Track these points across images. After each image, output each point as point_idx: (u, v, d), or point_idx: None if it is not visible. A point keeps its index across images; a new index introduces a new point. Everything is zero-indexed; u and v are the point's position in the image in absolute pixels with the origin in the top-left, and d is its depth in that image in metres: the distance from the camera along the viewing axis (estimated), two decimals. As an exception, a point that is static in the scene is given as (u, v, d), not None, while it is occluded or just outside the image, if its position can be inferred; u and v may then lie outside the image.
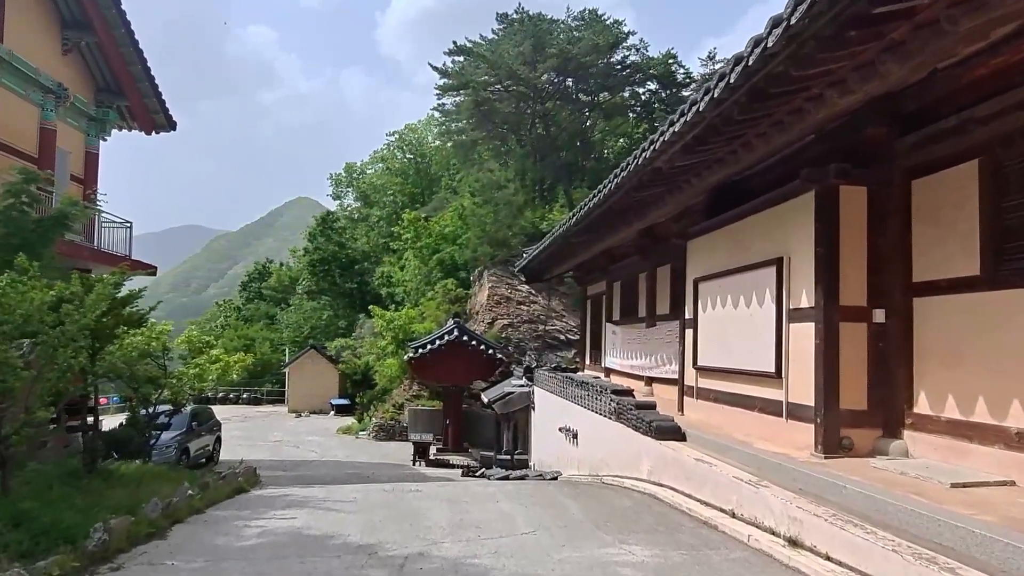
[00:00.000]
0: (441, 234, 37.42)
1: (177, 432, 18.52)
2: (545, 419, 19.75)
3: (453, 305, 33.22)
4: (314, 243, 61.22)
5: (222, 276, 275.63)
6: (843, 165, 7.49)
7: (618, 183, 10.53)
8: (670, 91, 48.71)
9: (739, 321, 9.47)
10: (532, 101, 42.09)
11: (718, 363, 10.10)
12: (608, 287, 19.30)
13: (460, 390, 26.69)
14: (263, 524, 7.87)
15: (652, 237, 15.00)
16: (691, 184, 9.70)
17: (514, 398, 21.93)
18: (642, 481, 9.94)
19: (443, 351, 25.48)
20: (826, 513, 5.74)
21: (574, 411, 15.40)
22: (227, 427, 33.80)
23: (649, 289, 15.61)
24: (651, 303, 15.50)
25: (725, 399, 9.91)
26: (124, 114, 22.02)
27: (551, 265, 21.80)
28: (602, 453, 12.78)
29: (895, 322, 7.43)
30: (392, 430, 29.48)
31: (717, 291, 10.25)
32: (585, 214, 13.25)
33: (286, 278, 67.57)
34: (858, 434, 7.43)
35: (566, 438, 15.90)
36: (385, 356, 33.17)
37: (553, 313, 32.79)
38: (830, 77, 6.24)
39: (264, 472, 20.37)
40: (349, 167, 69.76)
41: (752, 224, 9.37)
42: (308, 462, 22.99)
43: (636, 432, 10.61)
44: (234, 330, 57.94)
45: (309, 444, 27.94)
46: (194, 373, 14.98)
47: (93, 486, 8.59)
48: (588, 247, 17.01)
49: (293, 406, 44.31)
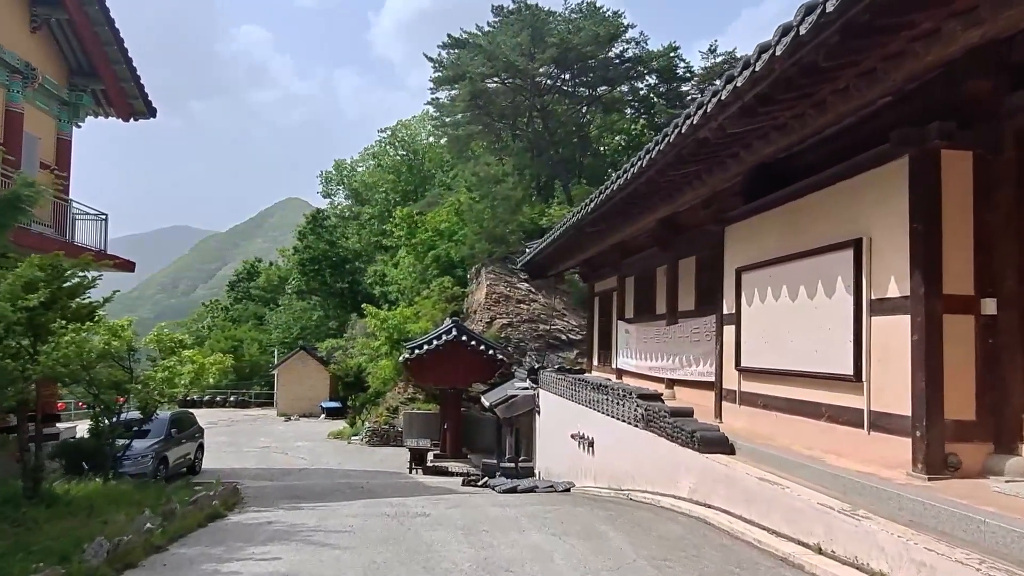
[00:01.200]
0: (437, 230, 35.99)
1: (154, 440, 17.09)
2: (552, 424, 18.44)
3: (450, 304, 31.86)
4: (304, 242, 59.64)
5: (211, 277, 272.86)
6: (947, 124, 6.17)
7: (651, 159, 9.19)
8: (670, 86, 47.58)
9: (799, 315, 8.16)
10: (529, 94, 40.76)
11: (769, 364, 8.79)
12: (619, 283, 17.99)
13: (459, 393, 25.31)
14: (238, 569, 6.43)
15: (673, 227, 13.70)
16: (738, 159, 8.38)
17: (517, 401, 20.60)
18: (683, 501, 8.62)
19: (441, 352, 24.11)
20: (973, 560, 4.41)
21: (589, 417, 14.09)
22: (212, 432, 32.31)
23: (670, 284, 14.29)
24: (672, 299, 14.19)
25: (779, 405, 8.60)
26: (99, 99, 20.55)
27: (557, 260, 20.46)
28: (626, 464, 11.46)
29: (1009, 314, 6.14)
30: (386, 435, 28.05)
31: (767, 281, 8.93)
32: (606, 199, 11.90)
33: (275, 278, 65.91)
34: (965, 449, 6.13)
35: (579, 446, 14.59)
36: (379, 357, 31.74)
37: (555, 312, 31.46)
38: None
39: (249, 482, 18.96)
40: (339, 164, 68.23)
41: (814, 202, 8.07)
42: (297, 470, 21.56)
43: (671, 443, 9.30)
44: (221, 331, 56.29)
45: (298, 450, 26.49)
46: (163, 377, 13.42)
47: (33, 516, 7.12)
48: (601, 239, 15.70)
49: (282, 409, 42.79)
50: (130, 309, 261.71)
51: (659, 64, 45.06)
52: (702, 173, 9.33)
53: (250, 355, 54.92)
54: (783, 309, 8.51)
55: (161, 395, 13.40)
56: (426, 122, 61.38)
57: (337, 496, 15.37)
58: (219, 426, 35.43)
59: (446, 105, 44.19)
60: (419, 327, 29.95)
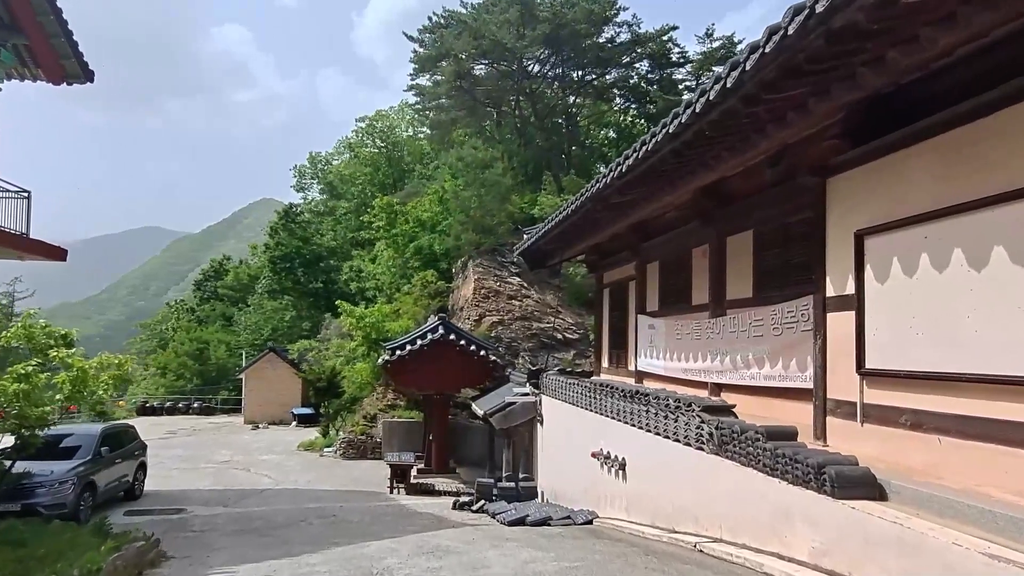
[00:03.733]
0: (419, 220, 33.01)
1: (78, 463, 14.02)
2: (560, 437, 15.67)
3: (433, 300, 28.95)
4: (276, 238, 56.49)
5: (183, 279, 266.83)
6: None
7: (740, 77, 6.37)
8: (663, 72, 45.14)
9: (986, 292, 5.42)
10: (517, 76, 37.98)
11: (925, 364, 6.02)
12: (639, 270, 15.20)
13: (446, 399, 22.42)
14: None
15: (720, 195, 10.97)
16: (871, 72, 5.62)
17: (516, 410, 17.77)
18: (806, 569, 5.82)
19: (426, 353, 21.19)
20: None
21: (617, 431, 11.32)
22: (170, 443, 29.12)
23: (715, 267, 11.51)
24: (718, 286, 11.41)
25: (945, 425, 5.83)
26: (23, 57, 17.43)
27: (564, 245, 17.58)
28: (682, 499, 8.68)
29: None
30: (363, 447, 25.03)
31: (919, 245, 6.18)
32: (649, 152, 9.08)
33: (245, 276, 62.57)
34: None
35: (603, 467, 11.81)
36: (355, 359, 28.79)
37: (549, 309, 28.66)
38: None
39: (199, 509, 15.87)
40: (314, 158, 65.00)
41: (998, 126, 5.35)
42: (259, 492, 18.53)
43: (770, 477, 6.53)
44: (186, 332, 52.83)
45: (263, 465, 23.38)
46: (16, 390, 9.90)
47: None
48: (623, 215, 12.90)
49: (250, 416, 39.53)
50: (100, 312, 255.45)
51: (653, 48, 42.61)
52: (808, 99, 6.56)
53: (217, 358, 51.70)
54: (953, 284, 5.75)
55: (22, 417, 10.01)
56: (405, 113, 58.55)
57: (301, 531, 12.43)
58: (178, 436, 32.21)
59: (428, 89, 41.22)
60: (399, 326, 27.04)
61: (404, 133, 58.38)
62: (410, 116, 57.71)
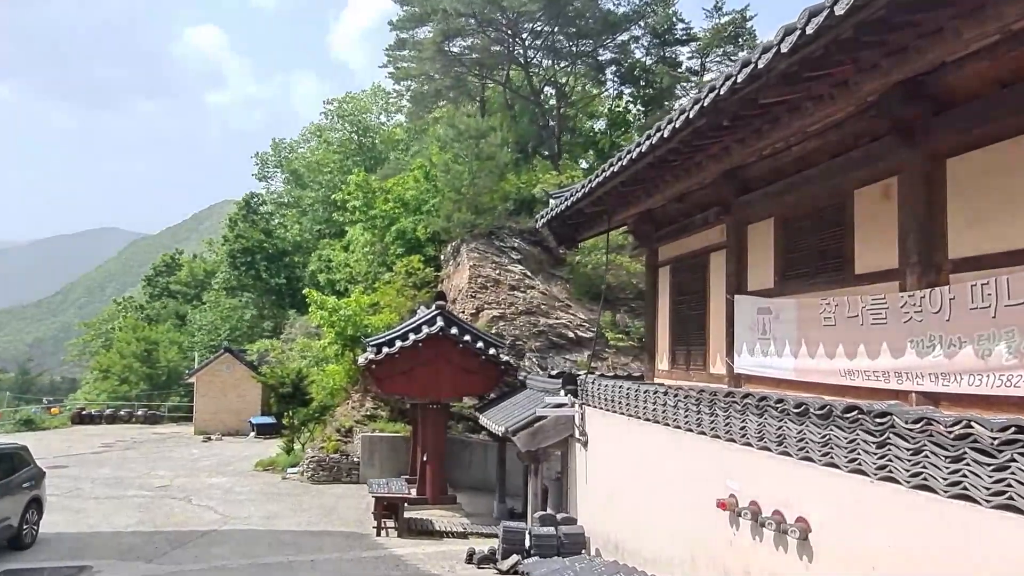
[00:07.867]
0: (401, 199, 28.41)
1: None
2: (622, 466, 11.37)
3: (420, 291, 24.39)
4: (235, 230, 51.37)
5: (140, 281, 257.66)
6: None
7: None
8: (663, 51, 41.20)
9: None
10: (509, 41, 33.68)
11: None
12: (733, 235, 10.90)
13: (444, 409, 17.89)
14: None
15: (939, 91, 6.80)
16: None
17: (547, 426, 13.39)
18: None
19: (420, 351, 16.66)
20: None
21: (777, 473, 7.05)
22: (101, 459, 24.06)
23: (920, 209, 7.26)
24: (927, 236, 7.18)
25: None
26: None
27: (614, 208, 13.21)
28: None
29: None
30: (336, 467, 20.34)
31: None
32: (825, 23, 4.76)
33: (200, 272, 57.17)
34: None
35: (744, 527, 7.51)
36: (325, 361, 24.12)
37: (557, 303, 24.30)
38: None
39: (109, 568, 11.17)
40: (277, 144, 59.75)
41: None
42: (199, 535, 13.83)
43: None
44: (132, 331, 47.36)
45: (209, 493, 18.52)
46: None
47: None
48: (725, 153, 8.65)
49: (201, 426, 34.47)
50: (53, 314, 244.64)
51: (655, 20, 38.67)
52: None
53: (167, 360, 46.37)
54: None
55: None
56: (378, 97, 53.86)
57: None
58: (113, 450, 27.08)
59: (409, 58, 36.59)
60: (380, 320, 22.46)
61: (376, 119, 53.67)
62: (383, 101, 53.10)
